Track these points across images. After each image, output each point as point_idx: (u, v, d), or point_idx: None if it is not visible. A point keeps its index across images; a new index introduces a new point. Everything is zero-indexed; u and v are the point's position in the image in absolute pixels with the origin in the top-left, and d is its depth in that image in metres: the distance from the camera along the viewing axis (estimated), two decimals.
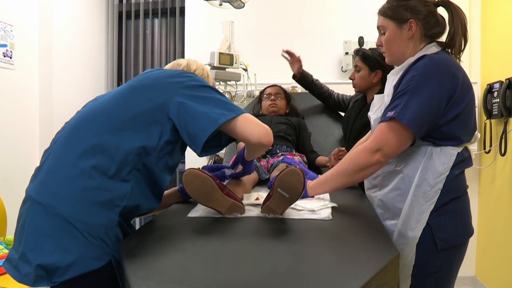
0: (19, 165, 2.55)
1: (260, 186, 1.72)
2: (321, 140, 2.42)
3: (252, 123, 1.12)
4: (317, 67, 3.21)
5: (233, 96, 3.09)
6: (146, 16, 3.75)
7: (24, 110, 2.64)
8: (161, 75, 1.17)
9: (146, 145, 1.08)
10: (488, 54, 2.89)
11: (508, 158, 2.52)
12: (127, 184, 1.05)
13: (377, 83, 2.04)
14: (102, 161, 1.03)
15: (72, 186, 1.00)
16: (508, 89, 2.43)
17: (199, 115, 1.08)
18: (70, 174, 1.02)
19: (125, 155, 1.05)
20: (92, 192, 1.00)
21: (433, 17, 1.30)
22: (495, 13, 2.79)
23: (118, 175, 1.04)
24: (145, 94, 1.12)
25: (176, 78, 1.15)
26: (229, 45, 2.77)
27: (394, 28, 1.32)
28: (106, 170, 1.03)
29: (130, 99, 1.12)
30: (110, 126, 1.07)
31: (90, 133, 1.07)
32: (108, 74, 3.73)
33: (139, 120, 1.09)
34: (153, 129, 1.10)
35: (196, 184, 1.15)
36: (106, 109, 1.11)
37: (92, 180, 1.01)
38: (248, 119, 1.12)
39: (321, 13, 3.22)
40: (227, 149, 2.63)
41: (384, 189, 1.33)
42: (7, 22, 2.48)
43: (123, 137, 1.06)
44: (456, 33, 1.28)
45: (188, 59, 1.46)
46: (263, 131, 1.12)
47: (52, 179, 1.03)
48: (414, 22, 1.29)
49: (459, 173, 1.27)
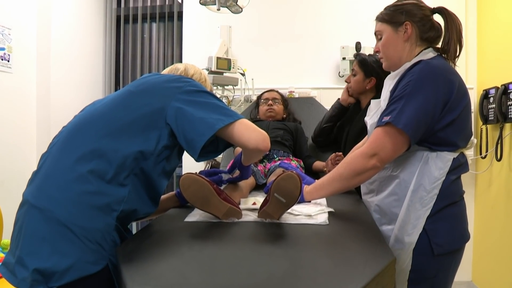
0: (16, 168, 2.54)
1: (257, 191, 1.72)
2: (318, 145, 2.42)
3: (249, 129, 1.12)
4: (314, 72, 3.23)
5: (231, 101, 3.09)
6: (144, 20, 3.76)
7: (21, 114, 2.64)
8: (159, 80, 1.18)
9: (144, 149, 1.08)
10: (484, 60, 2.91)
11: (504, 163, 2.53)
12: (124, 189, 1.05)
13: (370, 89, 2.06)
14: (99, 165, 1.03)
15: (69, 191, 1.00)
16: (504, 95, 2.45)
17: (197, 120, 1.09)
18: (67, 178, 1.02)
19: (123, 160, 1.05)
20: (89, 197, 1.00)
21: (428, 20, 1.33)
22: (490, 20, 2.82)
23: (116, 180, 1.04)
24: (142, 99, 1.13)
25: (174, 83, 1.16)
26: (226, 50, 2.78)
27: (390, 31, 1.35)
28: (104, 175, 1.03)
29: (128, 104, 1.12)
30: (107, 131, 1.08)
31: (87, 138, 1.07)
32: (106, 78, 3.74)
33: (136, 125, 1.09)
34: (151, 134, 1.10)
35: (193, 188, 1.15)
36: (104, 113, 1.12)
37: (89, 185, 1.01)
38: (245, 124, 1.13)
39: (318, 18, 3.24)
40: (224, 154, 2.63)
41: (381, 194, 1.34)
42: (5, 26, 2.48)
43: (120, 142, 1.06)
44: (451, 39, 1.30)
45: (186, 63, 1.47)
46: (260, 137, 1.12)
47: (49, 184, 1.03)
48: (410, 25, 1.31)
49: (455, 179, 1.27)
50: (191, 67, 1.45)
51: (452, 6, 1.38)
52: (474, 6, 3.00)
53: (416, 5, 1.33)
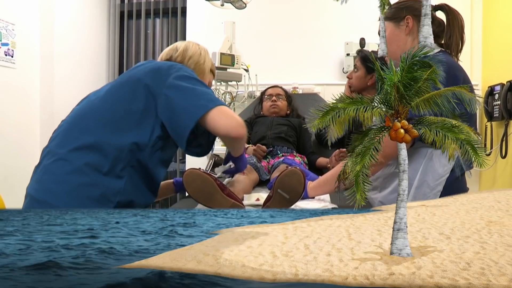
0: (19, 164, 2.54)
1: (261, 187, 1.72)
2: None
3: (223, 115, 1.09)
4: (318, 68, 3.22)
5: (234, 97, 3.09)
6: (147, 16, 3.76)
7: (25, 109, 2.65)
8: (149, 68, 1.17)
9: (139, 141, 1.10)
10: (489, 56, 2.88)
11: (509, 160, 2.52)
12: (120, 181, 1.08)
13: (371, 86, 2.05)
14: (95, 158, 1.05)
15: (66, 183, 1.03)
16: (509, 92, 2.43)
17: (180, 110, 1.08)
18: (64, 171, 1.04)
19: (118, 152, 1.07)
20: (86, 188, 1.03)
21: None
22: (496, 16, 2.79)
23: (112, 172, 1.06)
24: (134, 91, 1.13)
25: (163, 72, 1.15)
26: (230, 46, 2.77)
27: (392, 27, 1.37)
28: (100, 167, 1.05)
29: (121, 96, 1.14)
30: (102, 124, 1.10)
31: (83, 132, 1.09)
32: (109, 73, 3.74)
33: (130, 117, 1.11)
34: (144, 125, 1.11)
35: (196, 184, 1.15)
36: (98, 107, 1.13)
37: (86, 177, 1.04)
38: (222, 111, 1.10)
39: (322, 14, 3.23)
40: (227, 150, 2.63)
41: (385, 191, 1.33)
42: (9, 21, 2.48)
43: (115, 135, 1.08)
44: (453, 33, 1.30)
45: (187, 42, 1.41)
46: (233, 124, 1.10)
47: (48, 177, 1.07)
48: (411, 18, 1.33)
49: (459, 175, 1.26)
50: (191, 46, 1.39)
51: (457, 3, 1.38)
52: (479, 2, 2.98)
53: (417, 1, 1.34)
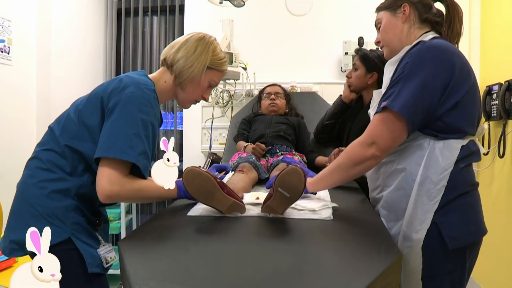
0: (15, 162, 2.51)
1: (260, 186, 1.71)
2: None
3: (104, 175, 1.14)
4: (316, 67, 3.22)
5: (232, 95, 3.08)
6: (145, 13, 3.73)
7: (21, 107, 2.62)
8: (106, 89, 1.27)
9: (94, 150, 1.21)
10: (487, 56, 2.89)
11: (507, 159, 2.52)
12: (83, 178, 1.23)
13: (372, 84, 2.05)
14: (60, 160, 1.23)
15: (36, 177, 1.22)
16: (507, 91, 2.43)
17: (107, 133, 1.18)
18: (37, 167, 1.23)
19: (78, 157, 1.22)
20: (52, 183, 1.20)
21: (427, 2, 1.32)
22: (494, 15, 2.79)
23: (75, 172, 1.22)
24: (95, 108, 1.25)
25: (114, 96, 1.23)
26: (228, 44, 2.75)
27: (389, 16, 1.35)
28: (64, 168, 1.22)
29: (88, 112, 1.26)
30: (67, 132, 1.25)
31: (56, 137, 1.26)
32: (106, 71, 3.71)
33: (91, 130, 1.23)
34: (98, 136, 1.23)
35: (196, 182, 1.15)
36: (70, 117, 1.28)
37: (53, 173, 1.21)
38: (109, 169, 1.15)
39: (321, 12, 3.22)
40: (225, 148, 2.62)
41: (388, 189, 1.28)
42: (5, 18, 2.46)
43: (76, 143, 1.23)
44: (453, 23, 1.29)
45: (186, 39, 1.42)
46: (106, 188, 1.13)
47: (26, 172, 1.27)
48: (407, 6, 1.31)
49: (464, 167, 1.19)
50: (183, 48, 1.38)
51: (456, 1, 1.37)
52: (478, 2, 2.98)
53: None
